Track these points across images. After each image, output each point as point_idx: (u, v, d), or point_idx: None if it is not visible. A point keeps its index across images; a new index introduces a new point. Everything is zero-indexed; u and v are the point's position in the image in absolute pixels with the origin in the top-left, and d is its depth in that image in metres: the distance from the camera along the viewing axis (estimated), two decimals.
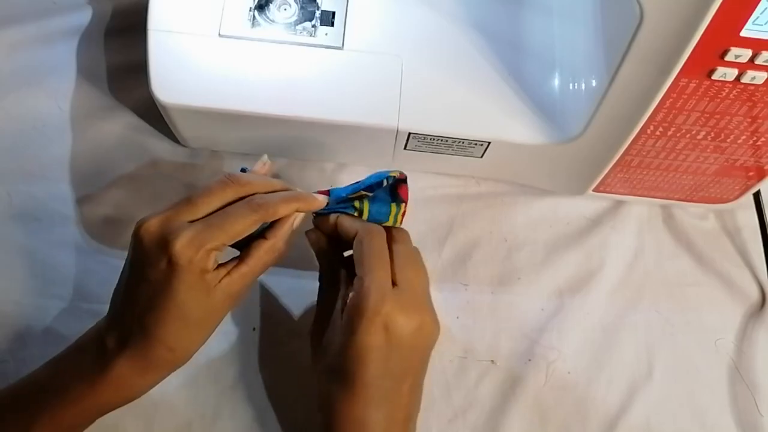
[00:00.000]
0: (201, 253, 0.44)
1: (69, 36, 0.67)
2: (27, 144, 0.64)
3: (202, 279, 0.45)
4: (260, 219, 0.46)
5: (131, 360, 0.46)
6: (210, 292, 0.45)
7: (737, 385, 0.62)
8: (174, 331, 0.45)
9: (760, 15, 0.41)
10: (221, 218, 0.45)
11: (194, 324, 0.46)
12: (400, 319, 0.45)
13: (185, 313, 0.45)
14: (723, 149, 0.54)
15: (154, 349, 0.45)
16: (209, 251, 0.44)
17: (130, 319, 0.46)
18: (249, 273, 0.47)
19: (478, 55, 0.58)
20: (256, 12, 0.57)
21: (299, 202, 0.48)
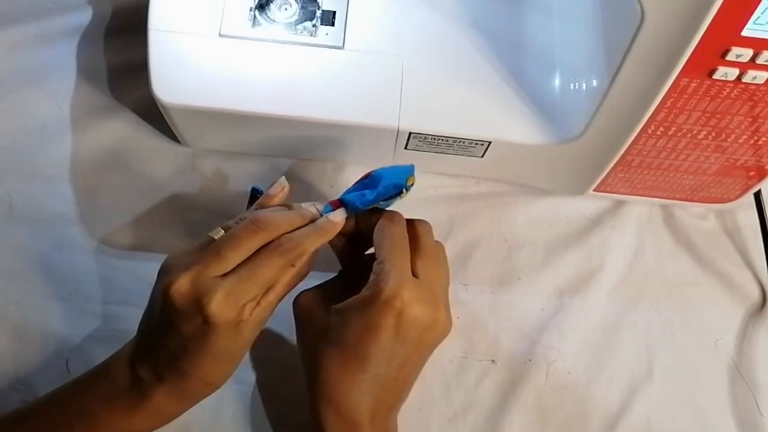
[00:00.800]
0: (238, 308, 0.44)
1: (69, 36, 0.67)
2: (27, 144, 0.64)
3: (237, 326, 0.45)
4: (290, 262, 0.46)
5: (168, 392, 0.46)
6: (243, 329, 0.45)
7: (738, 385, 0.61)
8: (210, 369, 0.46)
9: (761, 15, 0.41)
10: (252, 270, 0.45)
11: (229, 360, 0.47)
12: (415, 310, 0.45)
13: (221, 355, 0.45)
14: (724, 149, 0.54)
15: (191, 383, 0.46)
16: (245, 305, 0.44)
17: (165, 357, 0.45)
18: (276, 300, 0.47)
19: (479, 55, 0.58)
20: (256, 12, 0.57)
21: (323, 235, 0.48)
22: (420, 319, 0.46)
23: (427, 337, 0.47)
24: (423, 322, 0.46)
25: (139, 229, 0.62)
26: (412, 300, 0.45)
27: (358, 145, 0.60)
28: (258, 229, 0.46)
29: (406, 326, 0.45)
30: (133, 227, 0.62)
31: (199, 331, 0.44)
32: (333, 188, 0.64)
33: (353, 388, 0.46)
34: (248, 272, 0.45)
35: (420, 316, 0.46)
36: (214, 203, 0.63)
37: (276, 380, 0.58)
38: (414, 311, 0.45)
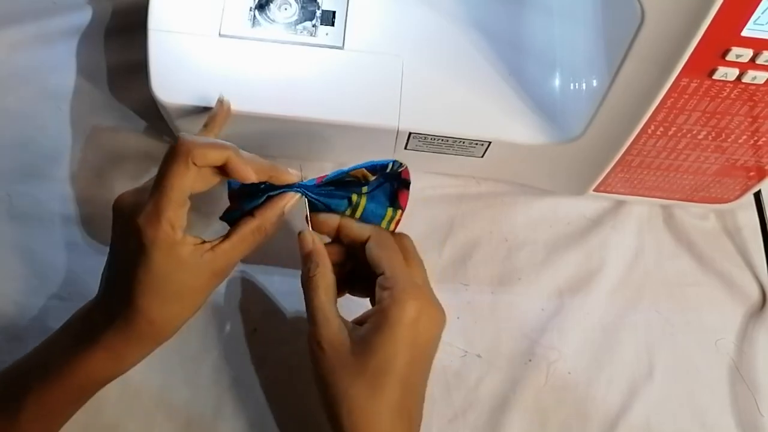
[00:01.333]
0: (163, 224, 0.43)
1: (69, 36, 0.67)
2: (27, 144, 0.64)
3: (173, 251, 0.44)
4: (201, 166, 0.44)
5: (115, 333, 0.46)
6: (189, 266, 0.45)
7: (737, 385, 0.61)
8: (153, 302, 0.45)
9: (761, 15, 0.41)
10: (163, 178, 0.44)
11: (173, 296, 0.46)
12: (431, 313, 0.46)
13: (162, 285, 0.45)
14: (724, 149, 0.54)
15: (136, 320, 0.45)
16: (169, 221, 0.44)
17: (115, 291, 0.46)
18: (232, 250, 0.47)
19: (479, 55, 0.58)
20: (256, 12, 0.57)
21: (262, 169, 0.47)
22: (434, 320, 0.47)
23: (437, 334, 0.48)
24: (436, 323, 0.47)
25: None
26: (424, 305, 0.46)
27: (357, 145, 0.60)
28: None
29: (423, 333, 0.46)
30: None
31: (136, 247, 0.44)
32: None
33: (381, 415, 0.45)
34: (168, 187, 0.44)
35: (434, 317, 0.47)
36: (213, 203, 0.63)
37: (275, 379, 0.58)
38: (429, 314, 0.46)
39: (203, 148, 0.44)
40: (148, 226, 0.43)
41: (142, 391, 0.57)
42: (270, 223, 0.48)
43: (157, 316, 0.46)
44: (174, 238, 0.44)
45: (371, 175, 0.50)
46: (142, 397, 0.57)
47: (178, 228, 0.44)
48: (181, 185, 0.44)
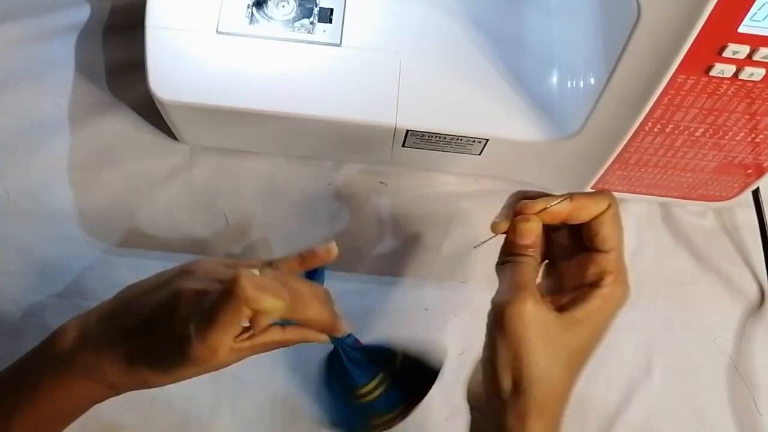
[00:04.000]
0: (207, 352, 0.42)
1: (68, 33, 0.67)
2: (25, 140, 0.64)
3: (209, 364, 0.44)
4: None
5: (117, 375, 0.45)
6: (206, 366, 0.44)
7: (736, 383, 0.61)
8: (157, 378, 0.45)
9: (758, 11, 0.41)
10: (216, 315, 0.42)
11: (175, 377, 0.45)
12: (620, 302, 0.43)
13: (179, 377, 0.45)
14: (721, 146, 0.54)
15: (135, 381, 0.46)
16: (214, 350, 0.42)
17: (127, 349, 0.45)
18: (248, 350, 0.45)
19: (477, 52, 0.58)
20: (254, 9, 0.57)
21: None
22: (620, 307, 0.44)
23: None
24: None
25: (136, 226, 0.62)
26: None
27: (355, 142, 0.60)
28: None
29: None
30: (131, 224, 0.62)
31: (170, 347, 0.43)
32: (330, 186, 0.64)
33: (567, 395, 0.43)
34: (219, 325, 0.42)
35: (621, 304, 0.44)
36: (212, 201, 0.63)
37: (272, 377, 0.58)
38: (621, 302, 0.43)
39: (257, 298, 0.41)
40: (195, 350, 0.42)
41: None
42: (291, 342, 0.47)
43: (159, 385, 0.46)
44: (213, 361, 0.43)
45: (410, 359, 0.49)
46: (139, 394, 0.56)
47: (221, 353, 0.43)
48: (234, 327, 0.42)
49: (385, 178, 0.65)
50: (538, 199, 0.43)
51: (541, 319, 0.41)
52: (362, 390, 0.48)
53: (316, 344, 0.59)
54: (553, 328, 0.41)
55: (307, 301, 0.45)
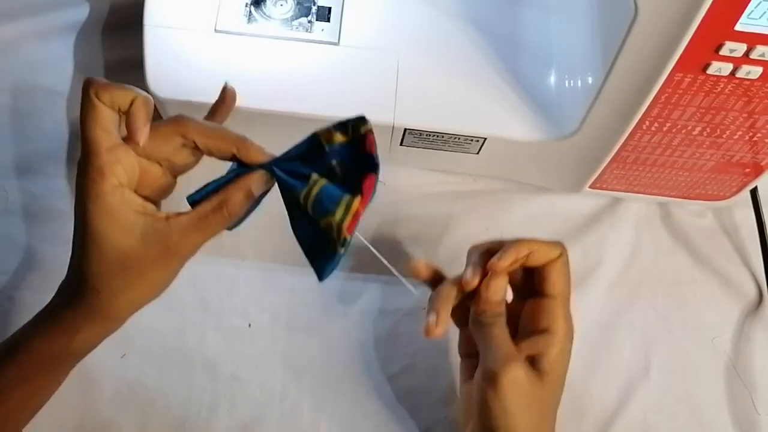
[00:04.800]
0: (89, 171, 0.41)
1: (66, 32, 0.67)
2: (23, 139, 0.64)
3: (102, 200, 0.41)
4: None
5: (63, 303, 0.44)
6: (128, 226, 0.42)
7: (734, 383, 0.61)
8: (95, 267, 0.42)
9: (754, 9, 0.41)
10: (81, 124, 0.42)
11: (117, 264, 0.42)
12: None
13: (100, 245, 0.41)
14: (719, 145, 0.54)
15: (81, 290, 0.43)
16: (95, 168, 0.41)
17: (70, 264, 0.44)
18: (189, 226, 0.42)
19: (475, 51, 0.58)
20: (252, 7, 0.57)
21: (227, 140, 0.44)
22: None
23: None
24: None
25: None
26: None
27: None
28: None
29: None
30: None
31: (75, 212, 0.42)
32: None
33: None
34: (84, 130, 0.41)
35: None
36: None
37: (270, 376, 0.58)
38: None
39: (106, 85, 0.41)
40: (80, 174, 0.41)
41: (137, 388, 0.57)
42: (234, 201, 0.43)
43: (102, 286, 0.43)
44: (102, 186, 0.41)
45: (336, 135, 0.43)
46: (137, 394, 0.57)
47: (108, 175, 0.41)
48: (95, 123, 0.41)
49: (383, 177, 0.64)
50: (506, 253, 0.48)
51: (529, 382, 0.47)
52: (302, 196, 0.42)
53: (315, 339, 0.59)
54: (536, 388, 0.47)
55: (205, 122, 0.44)
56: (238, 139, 0.44)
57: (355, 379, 0.59)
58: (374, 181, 0.42)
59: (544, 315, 0.49)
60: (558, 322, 0.48)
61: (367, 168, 0.43)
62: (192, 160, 0.45)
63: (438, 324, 0.48)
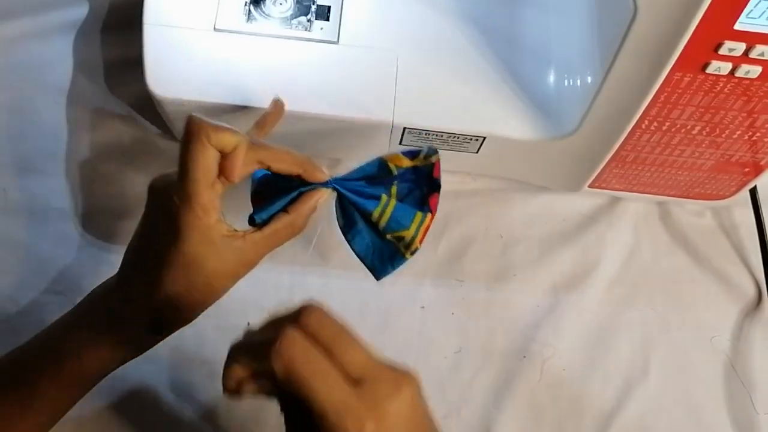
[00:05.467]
0: (195, 207, 0.42)
1: (66, 31, 0.67)
2: (23, 138, 0.64)
3: (207, 234, 0.43)
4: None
5: (137, 322, 0.45)
6: (220, 252, 0.44)
7: (733, 382, 0.61)
8: (182, 289, 0.44)
9: (753, 8, 0.41)
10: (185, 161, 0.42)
11: (202, 284, 0.44)
12: (392, 409, 0.35)
13: (194, 270, 0.44)
14: (718, 144, 0.54)
15: (161, 308, 0.45)
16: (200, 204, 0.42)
17: (140, 276, 0.45)
18: (263, 242, 0.46)
19: (474, 50, 0.58)
20: (251, 6, 0.57)
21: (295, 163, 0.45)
22: (402, 406, 0.36)
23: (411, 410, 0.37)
24: (405, 403, 0.36)
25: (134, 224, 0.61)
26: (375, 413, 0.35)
27: (352, 140, 0.60)
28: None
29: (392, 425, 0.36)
30: (128, 222, 0.62)
31: (167, 233, 0.43)
32: None
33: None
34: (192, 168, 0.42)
35: (400, 405, 0.36)
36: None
37: None
38: (391, 411, 0.35)
39: (216, 128, 0.42)
40: (182, 209, 0.42)
41: (135, 386, 0.57)
42: (302, 218, 0.47)
43: (183, 304, 0.45)
44: (207, 221, 0.43)
45: (404, 161, 0.47)
46: (136, 392, 0.57)
47: (211, 211, 0.43)
48: (204, 164, 0.42)
49: None
50: None
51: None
52: (375, 216, 0.47)
53: None
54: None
55: (270, 144, 0.46)
56: (305, 162, 0.46)
57: None
58: (438, 199, 0.47)
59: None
60: None
61: (433, 188, 0.47)
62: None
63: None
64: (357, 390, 0.35)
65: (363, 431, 0.34)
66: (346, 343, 0.36)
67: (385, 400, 0.35)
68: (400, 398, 0.36)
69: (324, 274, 0.56)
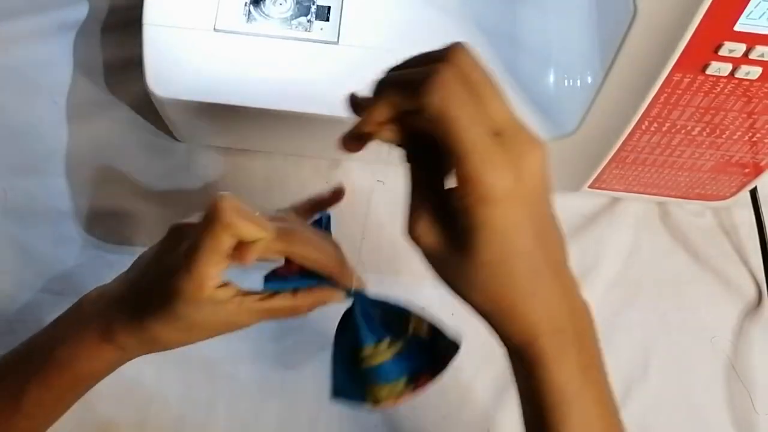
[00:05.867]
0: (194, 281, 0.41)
1: (66, 31, 0.67)
2: (23, 138, 0.64)
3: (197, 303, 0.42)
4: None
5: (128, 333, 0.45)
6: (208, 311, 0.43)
7: (733, 382, 0.61)
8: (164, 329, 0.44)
9: (754, 9, 0.41)
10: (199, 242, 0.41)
11: (185, 328, 0.44)
12: (525, 173, 0.34)
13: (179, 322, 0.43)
14: (719, 145, 0.54)
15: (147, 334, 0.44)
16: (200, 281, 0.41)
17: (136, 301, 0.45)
18: (256, 313, 0.44)
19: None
20: (251, 7, 0.57)
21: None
22: (536, 163, 0.35)
23: (545, 173, 0.36)
24: (538, 164, 0.35)
25: (134, 224, 0.62)
26: (515, 162, 0.34)
27: None
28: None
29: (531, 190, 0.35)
30: (128, 222, 0.62)
31: (165, 288, 0.42)
32: (328, 184, 0.64)
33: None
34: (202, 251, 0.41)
35: (534, 162, 0.35)
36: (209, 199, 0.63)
37: (269, 375, 0.58)
38: (527, 165, 0.34)
39: (240, 220, 0.40)
40: (181, 281, 0.41)
41: (134, 386, 0.57)
42: (306, 308, 0.45)
43: (164, 340, 0.45)
44: (200, 294, 0.42)
45: (424, 330, 0.45)
46: (134, 392, 0.57)
47: (208, 285, 0.41)
48: (215, 248, 0.41)
49: (382, 176, 0.65)
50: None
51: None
52: (366, 351, 0.43)
53: (315, 338, 0.59)
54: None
55: (306, 238, 0.43)
56: (337, 268, 0.44)
57: None
58: (430, 382, 0.44)
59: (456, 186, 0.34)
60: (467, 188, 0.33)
61: (433, 369, 0.44)
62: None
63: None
64: (499, 140, 0.34)
65: (501, 180, 0.33)
66: (493, 92, 0.35)
67: (523, 157, 0.34)
68: (535, 158, 0.35)
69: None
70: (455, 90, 0.33)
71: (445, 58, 0.35)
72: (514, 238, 0.35)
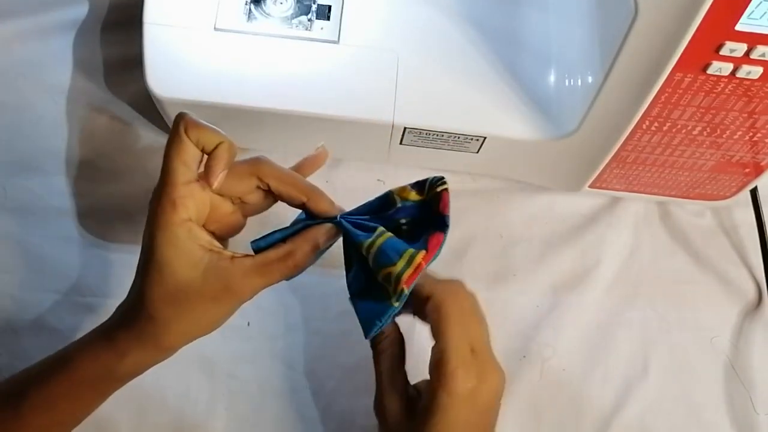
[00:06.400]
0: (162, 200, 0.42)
1: (66, 30, 0.67)
2: (23, 137, 0.64)
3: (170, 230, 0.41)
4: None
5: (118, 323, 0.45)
6: (193, 259, 0.42)
7: (733, 383, 0.61)
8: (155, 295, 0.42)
9: (755, 9, 0.41)
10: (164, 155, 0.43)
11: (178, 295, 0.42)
12: (487, 381, 0.43)
13: (164, 273, 0.42)
14: (719, 145, 0.54)
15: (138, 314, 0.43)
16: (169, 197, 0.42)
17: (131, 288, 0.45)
18: (252, 271, 0.43)
19: (475, 50, 0.58)
20: (251, 6, 0.57)
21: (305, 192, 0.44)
22: (490, 389, 0.44)
23: (495, 402, 0.45)
24: (493, 391, 0.44)
25: (134, 223, 0.62)
26: (479, 377, 0.43)
27: (353, 140, 0.60)
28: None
29: (479, 406, 0.43)
30: (128, 221, 0.61)
31: (144, 238, 0.43)
32: (328, 183, 0.64)
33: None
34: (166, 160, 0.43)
35: (491, 386, 0.44)
36: None
37: (268, 374, 0.58)
38: (484, 386, 0.43)
39: (197, 124, 0.43)
40: (152, 205, 0.42)
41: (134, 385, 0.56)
42: (301, 253, 0.43)
43: (157, 313, 0.43)
44: (171, 217, 0.41)
45: (411, 193, 0.45)
46: (134, 391, 0.56)
47: (179, 207, 0.41)
48: (180, 158, 0.42)
49: (382, 176, 0.65)
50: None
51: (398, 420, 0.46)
52: (366, 245, 0.43)
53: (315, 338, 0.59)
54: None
55: (275, 164, 0.45)
56: (310, 189, 0.44)
57: (354, 377, 0.59)
58: (441, 240, 0.44)
59: (432, 365, 0.44)
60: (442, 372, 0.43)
61: (436, 227, 0.44)
62: (264, 204, 0.46)
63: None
64: (474, 355, 0.43)
65: (468, 382, 0.42)
66: (479, 318, 0.46)
67: (487, 375, 0.44)
68: (495, 380, 0.44)
69: (325, 273, 0.56)
70: (456, 310, 0.45)
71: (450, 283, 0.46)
72: (460, 428, 0.43)
